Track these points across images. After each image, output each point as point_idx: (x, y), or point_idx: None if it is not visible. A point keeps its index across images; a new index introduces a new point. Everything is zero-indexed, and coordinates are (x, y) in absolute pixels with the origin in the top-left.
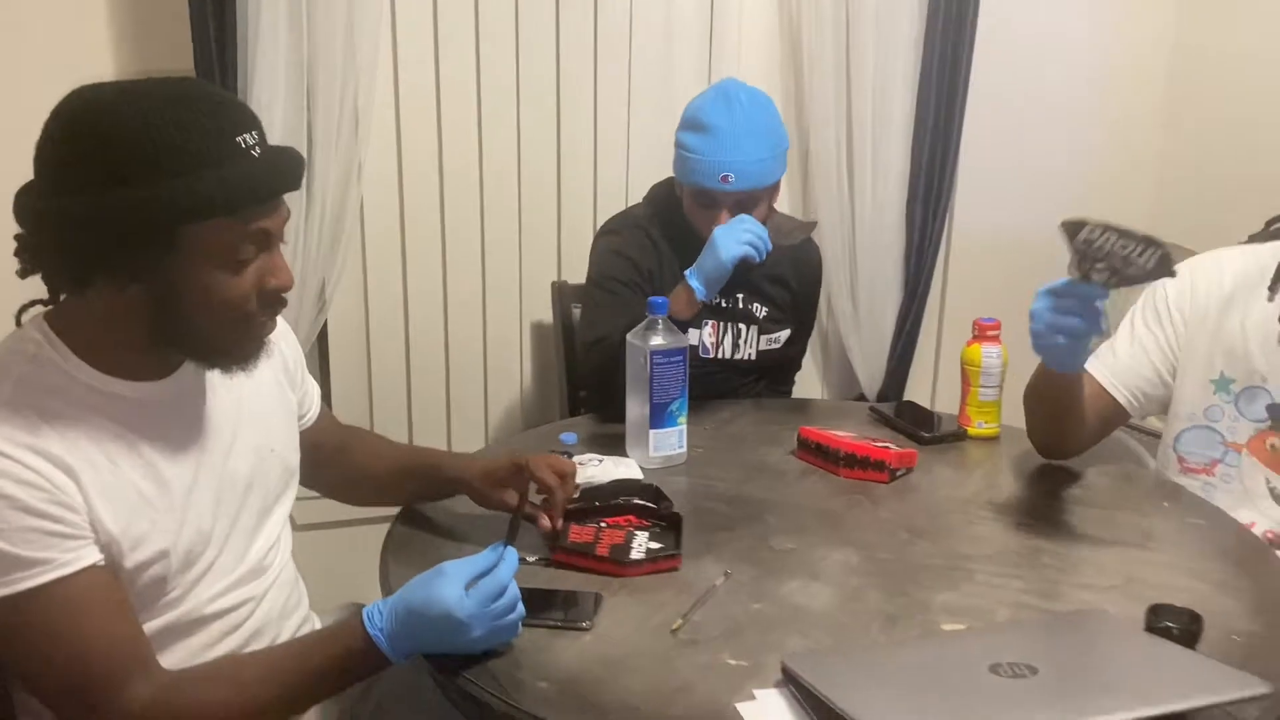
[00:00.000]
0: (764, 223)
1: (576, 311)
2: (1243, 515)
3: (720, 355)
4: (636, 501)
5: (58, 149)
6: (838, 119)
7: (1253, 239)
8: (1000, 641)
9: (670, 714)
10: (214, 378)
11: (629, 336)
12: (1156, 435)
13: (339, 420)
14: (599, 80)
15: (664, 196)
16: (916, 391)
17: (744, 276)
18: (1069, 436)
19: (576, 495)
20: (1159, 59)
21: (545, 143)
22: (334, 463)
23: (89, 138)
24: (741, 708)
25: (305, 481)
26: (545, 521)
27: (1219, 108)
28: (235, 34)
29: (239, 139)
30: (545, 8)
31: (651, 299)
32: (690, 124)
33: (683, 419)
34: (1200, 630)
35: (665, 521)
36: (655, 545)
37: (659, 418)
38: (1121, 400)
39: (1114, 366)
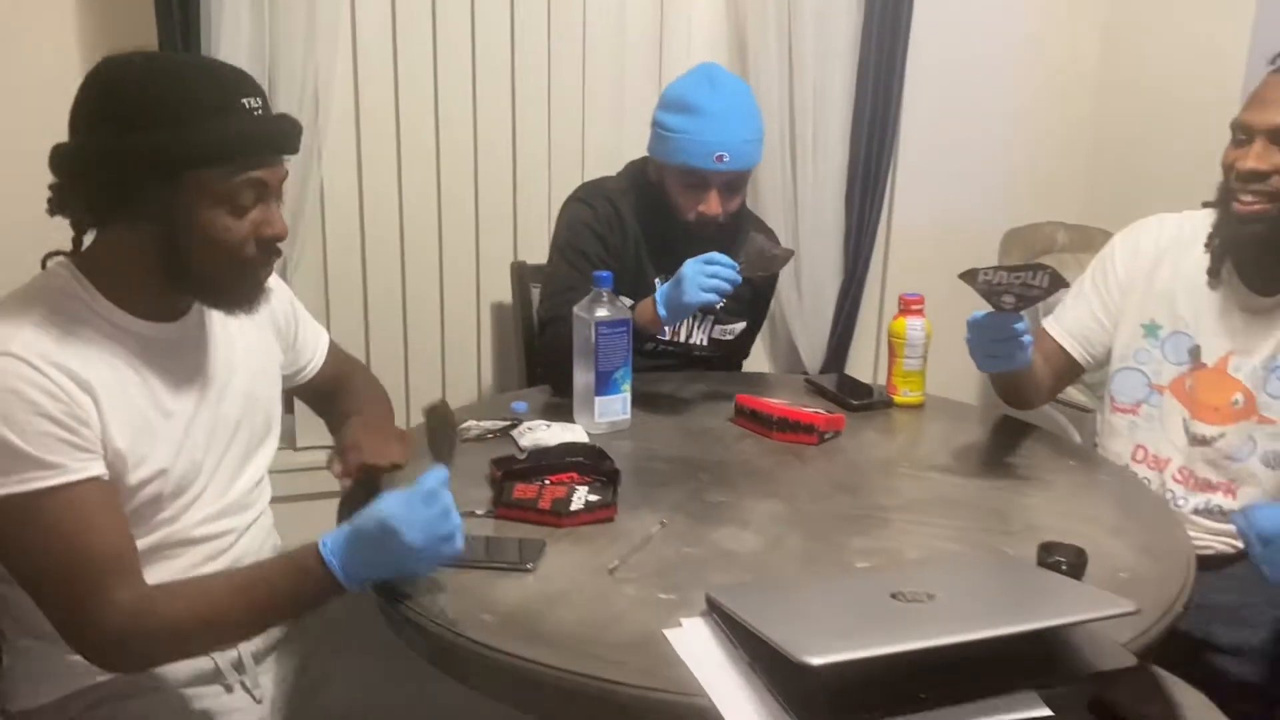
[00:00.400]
0: (737, 211)
1: (536, 291)
2: (1163, 451)
3: (675, 339)
4: (579, 459)
5: (83, 101)
6: (781, 112)
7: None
8: (904, 575)
9: (604, 640)
10: (215, 327)
11: (575, 309)
12: (1080, 408)
13: (344, 359)
14: (553, 64)
15: (639, 173)
16: (858, 367)
17: None
18: (1026, 395)
19: (524, 457)
20: (1090, 49)
21: (501, 125)
22: (327, 409)
23: (110, 89)
24: (669, 634)
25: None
26: (337, 468)
27: (1148, 96)
28: (198, 17)
29: (243, 100)
30: (501, 5)
31: (597, 273)
32: (676, 105)
33: (626, 386)
34: (1085, 564)
35: (605, 477)
36: (594, 498)
37: (604, 385)
38: (1074, 353)
39: (1065, 322)
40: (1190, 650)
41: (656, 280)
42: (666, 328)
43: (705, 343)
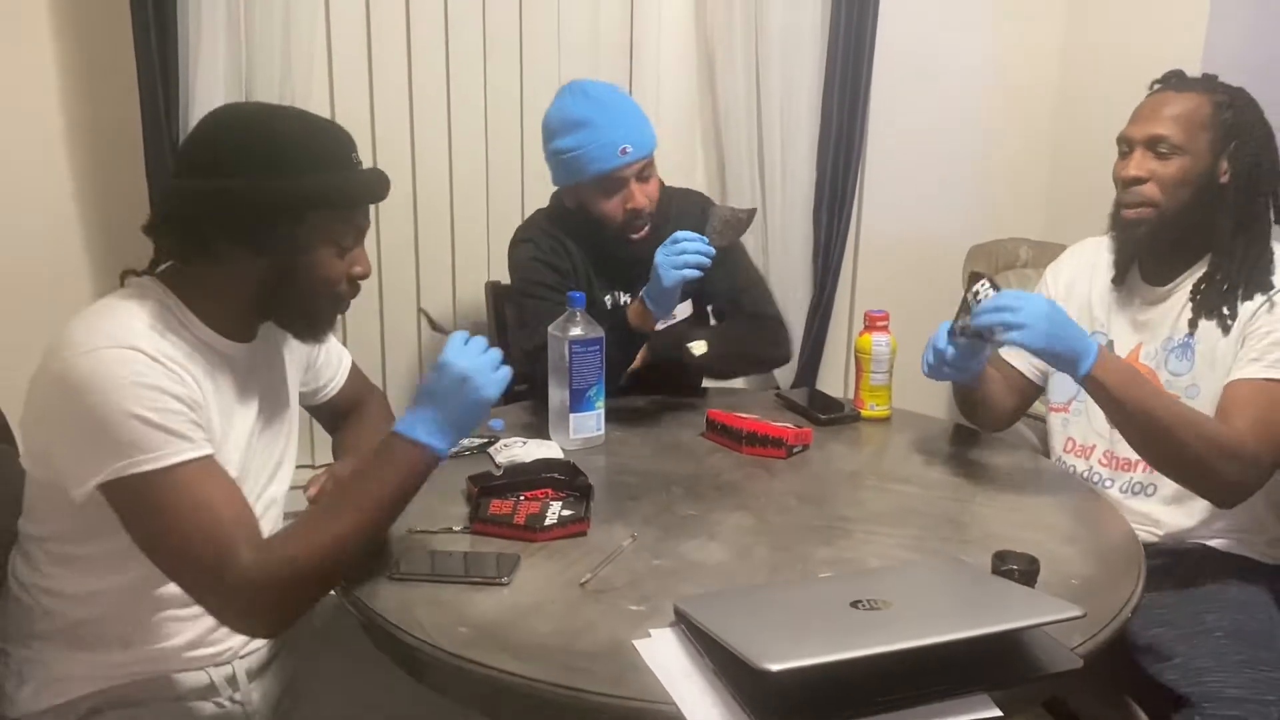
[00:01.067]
0: (657, 196)
1: (510, 310)
2: (1088, 439)
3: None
4: (554, 475)
5: (210, 144)
6: (750, 133)
7: None
8: (863, 583)
9: (574, 649)
10: (275, 351)
11: (549, 329)
12: (1041, 419)
13: (364, 384)
14: (525, 88)
15: (560, 207)
16: (828, 381)
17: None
18: (987, 417)
19: (500, 474)
20: (1049, 69)
21: (476, 145)
22: (336, 430)
23: (242, 136)
24: (639, 644)
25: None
26: (311, 491)
27: (1105, 114)
28: (176, 43)
29: (352, 155)
30: (474, 21)
31: (570, 294)
32: (562, 128)
33: (600, 403)
34: (1038, 571)
35: (578, 492)
36: (568, 513)
37: (578, 402)
38: (1027, 372)
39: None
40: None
41: (606, 299)
42: (659, 320)
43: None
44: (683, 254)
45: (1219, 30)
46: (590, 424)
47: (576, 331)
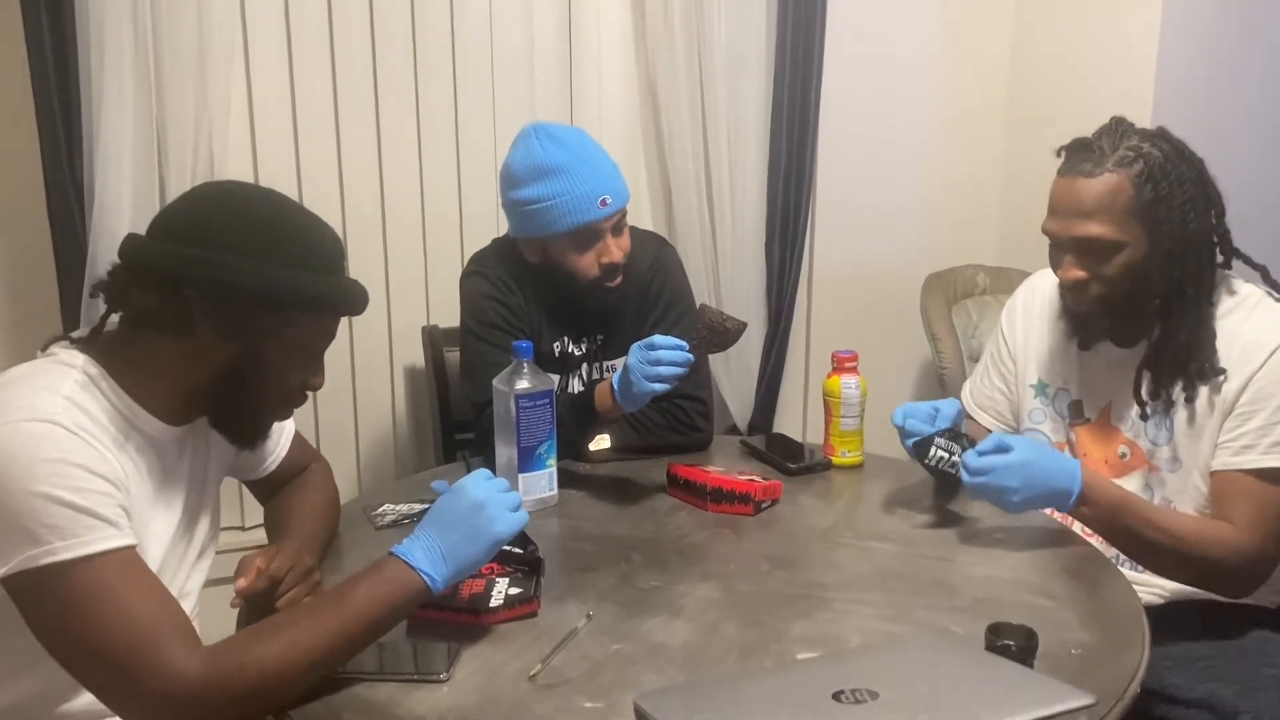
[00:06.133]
0: (629, 248)
1: (449, 355)
2: None
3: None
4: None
5: (196, 216)
6: (696, 164)
7: None
8: (846, 668)
9: None
10: (202, 439)
11: (495, 382)
12: None
13: (304, 452)
14: (460, 127)
15: (509, 252)
16: (786, 421)
17: (612, 323)
18: None
19: None
20: (998, 91)
21: (410, 189)
22: (269, 500)
23: (234, 216)
24: None
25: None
26: (241, 582)
27: (1055, 136)
28: (78, 79)
29: (343, 262)
30: (403, 56)
31: (516, 344)
32: (532, 175)
33: (552, 461)
34: (1036, 645)
35: (527, 566)
36: (515, 591)
37: (527, 461)
38: (990, 425)
39: (978, 399)
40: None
41: (555, 346)
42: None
43: (584, 387)
44: (658, 364)
45: (1171, 49)
46: (542, 484)
47: (523, 384)
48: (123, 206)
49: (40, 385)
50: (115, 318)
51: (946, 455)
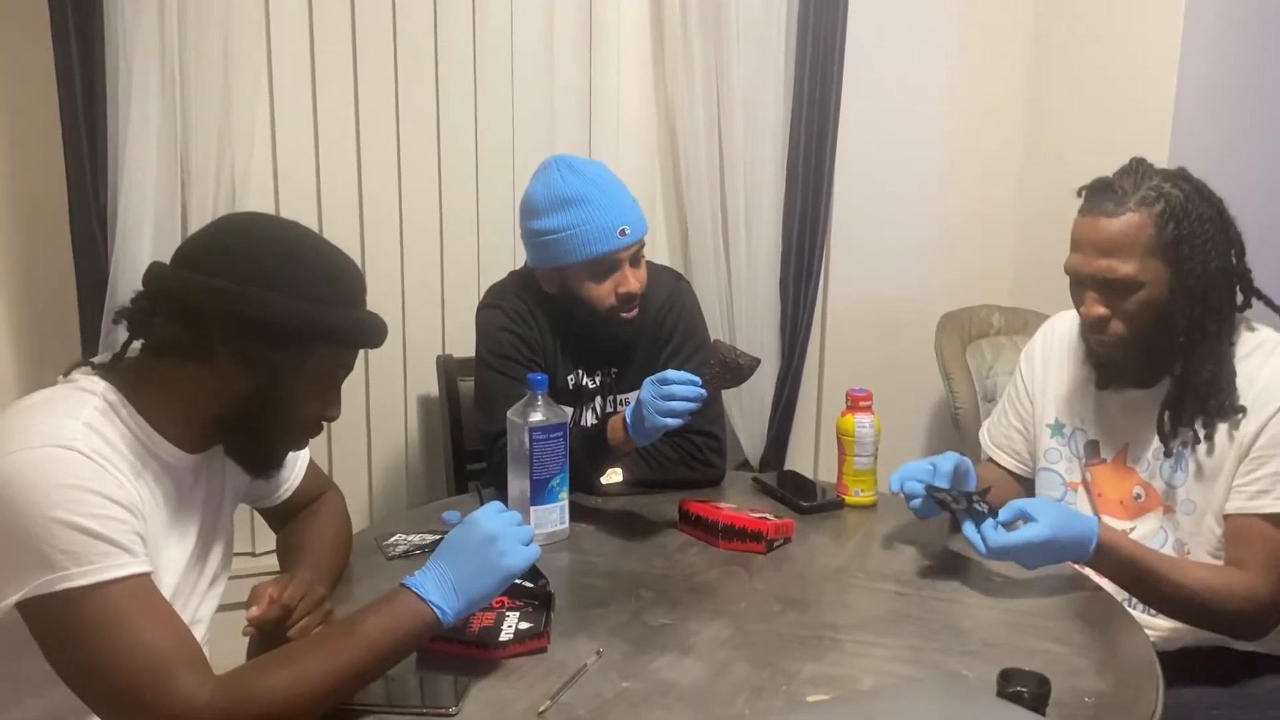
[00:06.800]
0: (645, 279)
1: (463, 385)
2: None
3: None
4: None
5: (226, 249)
6: (712, 199)
7: None
8: (856, 713)
9: None
10: (218, 467)
11: (509, 414)
12: None
13: (319, 480)
14: (480, 157)
15: (528, 284)
16: (798, 458)
17: (627, 357)
18: None
19: None
20: (1014, 133)
21: (428, 218)
22: (282, 528)
23: (263, 250)
24: None
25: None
26: (254, 611)
27: (1070, 178)
28: (105, 107)
29: (364, 296)
30: (426, 84)
31: (531, 376)
32: (551, 205)
33: (564, 494)
34: (1049, 693)
35: (538, 600)
36: (525, 625)
37: (540, 494)
38: (1011, 467)
39: (995, 439)
40: None
41: (570, 378)
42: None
43: (597, 420)
44: (670, 399)
45: (1189, 92)
46: (553, 517)
47: (537, 417)
48: (144, 234)
49: (60, 411)
50: (137, 345)
51: (951, 501)
